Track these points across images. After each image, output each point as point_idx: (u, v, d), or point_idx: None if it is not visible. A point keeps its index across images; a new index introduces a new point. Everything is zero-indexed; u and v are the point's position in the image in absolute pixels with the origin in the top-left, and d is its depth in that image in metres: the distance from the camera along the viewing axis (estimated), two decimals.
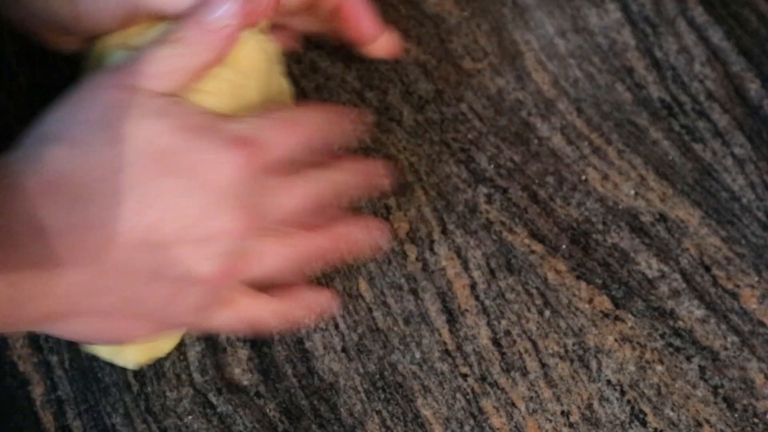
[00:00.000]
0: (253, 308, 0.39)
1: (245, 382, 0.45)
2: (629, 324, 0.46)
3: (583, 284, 0.48)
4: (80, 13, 0.37)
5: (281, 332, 0.45)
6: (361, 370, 0.45)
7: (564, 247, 0.49)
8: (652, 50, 0.55)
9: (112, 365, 0.45)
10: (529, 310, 0.47)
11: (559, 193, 0.50)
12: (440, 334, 0.46)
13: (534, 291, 0.47)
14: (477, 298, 0.47)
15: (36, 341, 0.45)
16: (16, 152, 0.33)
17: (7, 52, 0.53)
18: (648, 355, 0.45)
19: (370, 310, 0.47)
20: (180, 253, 0.34)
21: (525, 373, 0.45)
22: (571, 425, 0.44)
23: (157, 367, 0.45)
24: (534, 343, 0.46)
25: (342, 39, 0.49)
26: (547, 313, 0.47)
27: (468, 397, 0.44)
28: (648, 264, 0.48)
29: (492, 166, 0.51)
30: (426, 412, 0.44)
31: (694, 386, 0.45)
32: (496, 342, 0.46)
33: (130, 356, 0.43)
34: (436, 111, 0.53)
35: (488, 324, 0.46)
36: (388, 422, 0.44)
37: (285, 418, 0.44)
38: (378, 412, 0.44)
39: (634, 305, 0.47)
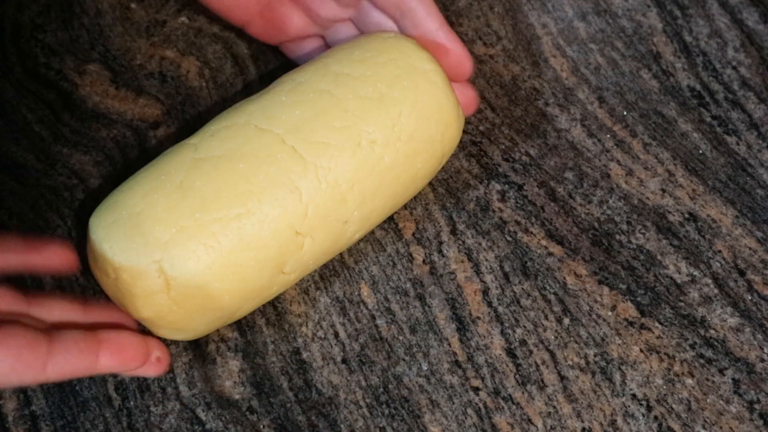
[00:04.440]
0: None
1: (237, 396, 0.43)
2: (656, 333, 0.45)
3: (606, 290, 0.46)
4: None
5: None
6: (363, 383, 0.43)
7: (584, 249, 0.47)
8: (681, 34, 0.54)
9: (90, 377, 0.43)
10: (546, 317, 0.45)
11: (579, 191, 0.49)
12: (449, 344, 0.44)
13: (552, 297, 0.46)
14: (489, 304, 0.45)
15: None
16: None
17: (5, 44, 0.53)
18: (677, 368, 0.44)
19: (372, 317, 0.45)
20: None
21: (542, 387, 0.43)
22: None
23: (140, 379, 0.43)
24: (552, 354, 0.44)
25: None
26: (566, 321, 0.45)
27: (480, 412, 0.43)
28: (677, 268, 0.47)
29: (506, 160, 0.50)
30: (434, 429, 0.42)
31: (728, 401, 0.43)
32: (510, 352, 0.44)
33: None
34: None
35: (502, 333, 0.45)
36: None
37: None
38: (382, 429, 0.42)
39: (661, 312, 0.45)
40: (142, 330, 0.43)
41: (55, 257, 0.42)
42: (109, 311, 0.42)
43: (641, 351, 0.44)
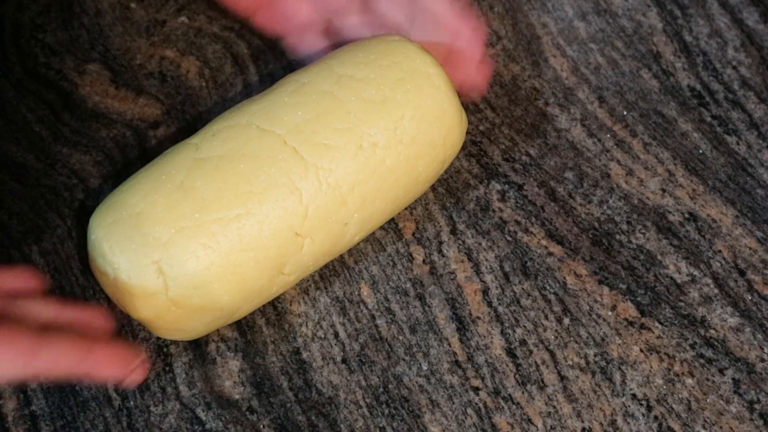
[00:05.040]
0: None
1: (237, 396, 0.43)
2: (656, 333, 0.44)
3: (606, 289, 0.46)
4: None
5: None
6: (363, 383, 0.43)
7: (584, 248, 0.47)
8: (681, 34, 0.54)
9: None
10: (546, 317, 0.45)
11: (579, 190, 0.49)
12: (449, 344, 0.44)
13: (552, 297, 0.45)
14: (489, 304, 0.45)
15: None
16: None
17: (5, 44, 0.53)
18: (677, 367, 0.44)
19: (372, 317, 0.45)
20: None
21: (542, 387, 0.43)
22: None
23: None
24: (552, 354, 0.44)
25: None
26: (566, 320, 0.45)
27: (480, 412, 0.42)
28: (677, 267, 0.46)
29: (506, 160, 0.50)
30: (434, 429, 0.42)
31: (728, 401, 0.43)
32: (510, 352, 0.44)
33: None
34: None
35: (502, 333, 0.44)
36: None
37: None
38: (382, 429, 0.42)
39: (661, 312, 0.45)
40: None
41: (20, 281, 0.41)
42: (86, 311, 0.40)
43: (641, 351, 0.44)
